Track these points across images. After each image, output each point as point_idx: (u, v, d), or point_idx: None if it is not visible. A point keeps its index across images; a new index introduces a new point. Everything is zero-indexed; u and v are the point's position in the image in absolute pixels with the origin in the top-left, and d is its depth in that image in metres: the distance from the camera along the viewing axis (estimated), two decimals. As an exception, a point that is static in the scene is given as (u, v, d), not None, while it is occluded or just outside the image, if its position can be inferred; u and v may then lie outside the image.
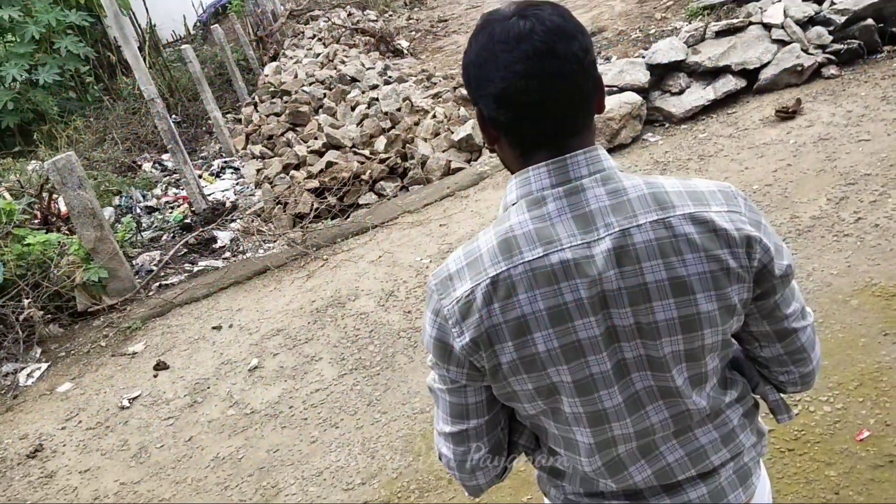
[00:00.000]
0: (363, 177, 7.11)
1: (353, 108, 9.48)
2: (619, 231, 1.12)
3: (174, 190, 9.26)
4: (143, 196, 8.98)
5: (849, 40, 5.86)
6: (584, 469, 1.26)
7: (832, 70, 5.77)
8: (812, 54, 5.82)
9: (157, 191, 9.29)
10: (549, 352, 1.14)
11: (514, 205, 1.17)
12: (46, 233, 5.79)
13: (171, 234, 7.58)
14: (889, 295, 3.42)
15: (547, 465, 1.34)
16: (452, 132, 7.57)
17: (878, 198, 4.14)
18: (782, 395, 1.38)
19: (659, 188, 1.15)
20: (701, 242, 1.12)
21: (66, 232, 6.48)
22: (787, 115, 5.28)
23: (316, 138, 8.81)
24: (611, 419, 1.20)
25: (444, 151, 7.33)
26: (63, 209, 7.25)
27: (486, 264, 1.14)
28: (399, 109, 8.75)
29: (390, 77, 10.96)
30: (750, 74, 5.92)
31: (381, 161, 7.30)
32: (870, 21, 5.86)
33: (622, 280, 1.12)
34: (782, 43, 5.94)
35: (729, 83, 5.83)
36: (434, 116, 8.22)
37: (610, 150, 5.74)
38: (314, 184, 7.22)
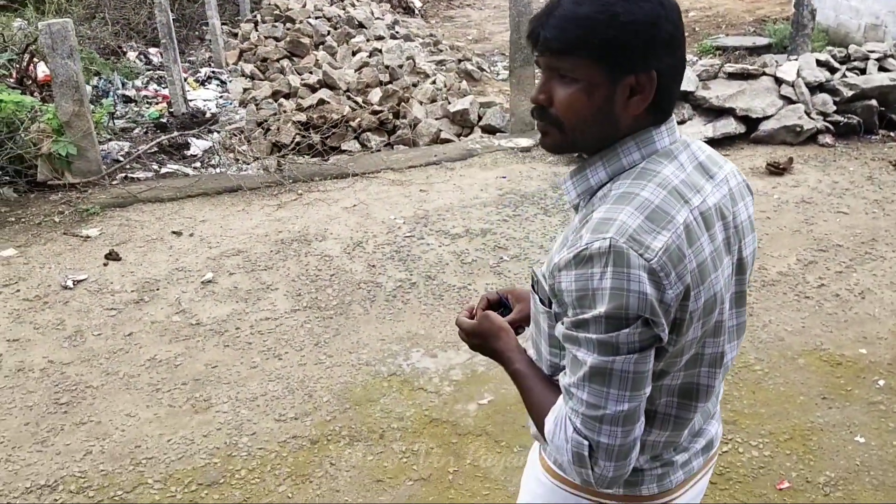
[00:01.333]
0: (352, 123, 7.03)
1: (353, 54, 9.36)
2: (724, 177, 1.26)
3: (155, 86, 9.01)
4: (123, 84, 8.72)
5: (850, 115, 6.02)
6: (696, 415, 1.31)
7: (827, 139, 5.92)
8: (813, 119, 5.96)
9: (138, 83, 9.03)
10: (720, 291, 1.21)
11: (637, 164, 1.20)
12: (22, 94, 5.57)
13: (144, 130, 7.39)
14: (834, 362, 3.56)
15: (652, 442, 1.31)
16: (450, 102, 7.53)
17: (844, 270, 4.29)
18: None
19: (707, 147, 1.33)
20: (745, 190, 1.33)
21: (40, 99, 6.26)
22: (776, 170, 5.41)
23: (311, 73, 8.67)
24: (724, 358, 1.30)
25: (437, 119, 7.30)
26: (41, 75, 7.00)
27: (670, 213, 1.13)
28: (401, 66, 8.66)
29: (397, 32, 10.84)
30: (751, 122, 6.03)
31: (374, 112, 7.23)
32: (874, 102, 6.03)
33: (734, 219, 1.25)
34: (788, 100, 6.07)
35: (729, 125, 5.93)
36: (434, 82, 8.17)
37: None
38: (301, 117, 7.11)
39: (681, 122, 5.95)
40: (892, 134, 6.12)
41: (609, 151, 1.21)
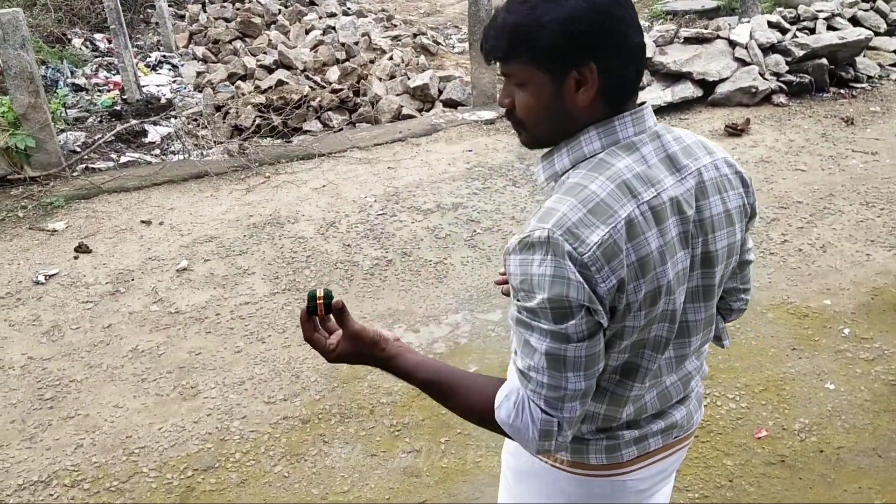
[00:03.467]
0: (312, 103, 6.99)
1: (307, 32, 9.26)
2: (696, 171, 1.26)
3: (105, 73, 8.81)
4: (72, 72, 8.51)
5: (802, 74, 6.19)
6: (634, 394, 1.33)
7: (782, 98, 6.08)
8: (767, 80, 6.11)
9: (87, 70, 8.82)
10: (668, 284, 1.22)
11: (597, 154, 1.22)
12: (-28, 88, 5.42)
13: (99, 119, 7.25)
14: (801, 314, 3.71)
15: (591, 413, 1.35)
16: (409, 78, 7.53)
17: (805, 225, 4.44)
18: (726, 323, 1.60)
19: (699, 137, 1.32)
20: (734, 181, 1.31)
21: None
22: (735, 131, 5.55)
23: (265, 53, 8.56)
24: (668, 345, 1.32)
25: (397, 95, 7.29)
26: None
27: (613, 208, 1.16)
28: (356, 43, 8.60)
29: (349, 9, 10.73)
30: (707, 86, 6.16)
31: (334, 91, 7.19)
32: (824, 61, 6.20)
33: (698, 214, 1.25)
34: (742, 62, 6.21)
35: (687, 90, 6.05)
36: (391, 58, 8.14)
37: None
38: (261, 99, 7.04)
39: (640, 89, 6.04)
40: (842, 91, 6.31)
41: (573, 139, 1.24)
